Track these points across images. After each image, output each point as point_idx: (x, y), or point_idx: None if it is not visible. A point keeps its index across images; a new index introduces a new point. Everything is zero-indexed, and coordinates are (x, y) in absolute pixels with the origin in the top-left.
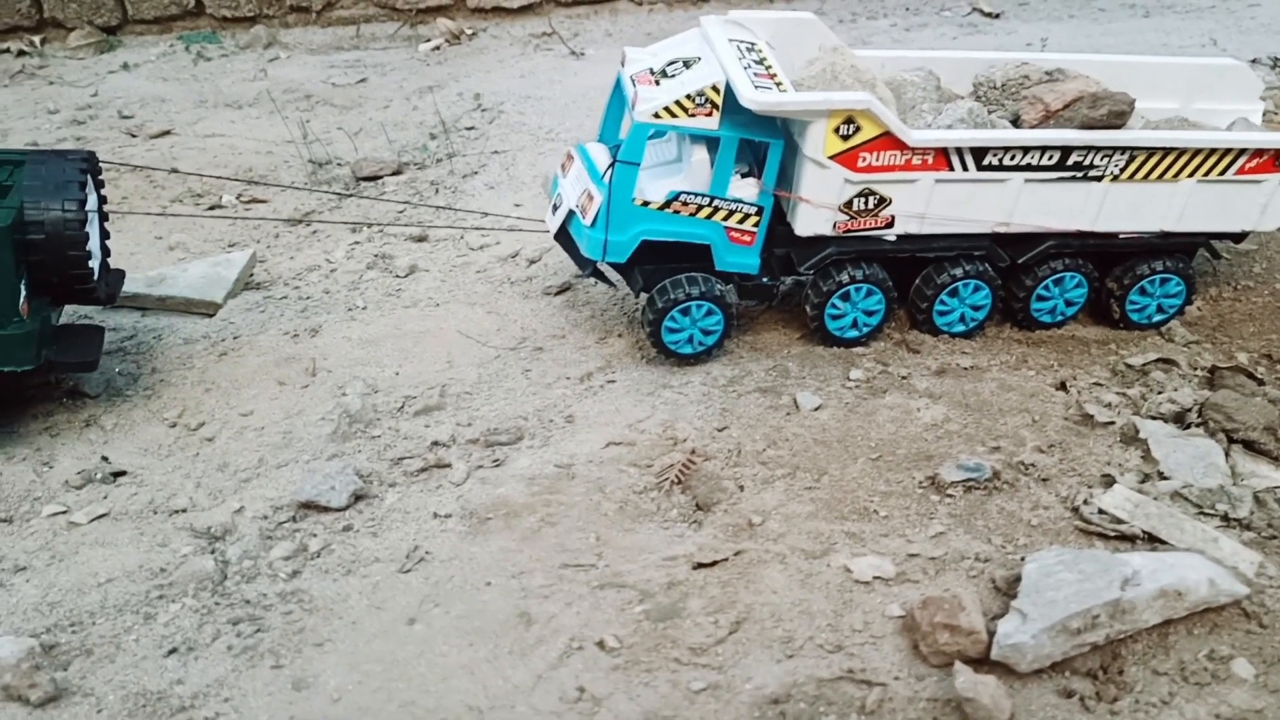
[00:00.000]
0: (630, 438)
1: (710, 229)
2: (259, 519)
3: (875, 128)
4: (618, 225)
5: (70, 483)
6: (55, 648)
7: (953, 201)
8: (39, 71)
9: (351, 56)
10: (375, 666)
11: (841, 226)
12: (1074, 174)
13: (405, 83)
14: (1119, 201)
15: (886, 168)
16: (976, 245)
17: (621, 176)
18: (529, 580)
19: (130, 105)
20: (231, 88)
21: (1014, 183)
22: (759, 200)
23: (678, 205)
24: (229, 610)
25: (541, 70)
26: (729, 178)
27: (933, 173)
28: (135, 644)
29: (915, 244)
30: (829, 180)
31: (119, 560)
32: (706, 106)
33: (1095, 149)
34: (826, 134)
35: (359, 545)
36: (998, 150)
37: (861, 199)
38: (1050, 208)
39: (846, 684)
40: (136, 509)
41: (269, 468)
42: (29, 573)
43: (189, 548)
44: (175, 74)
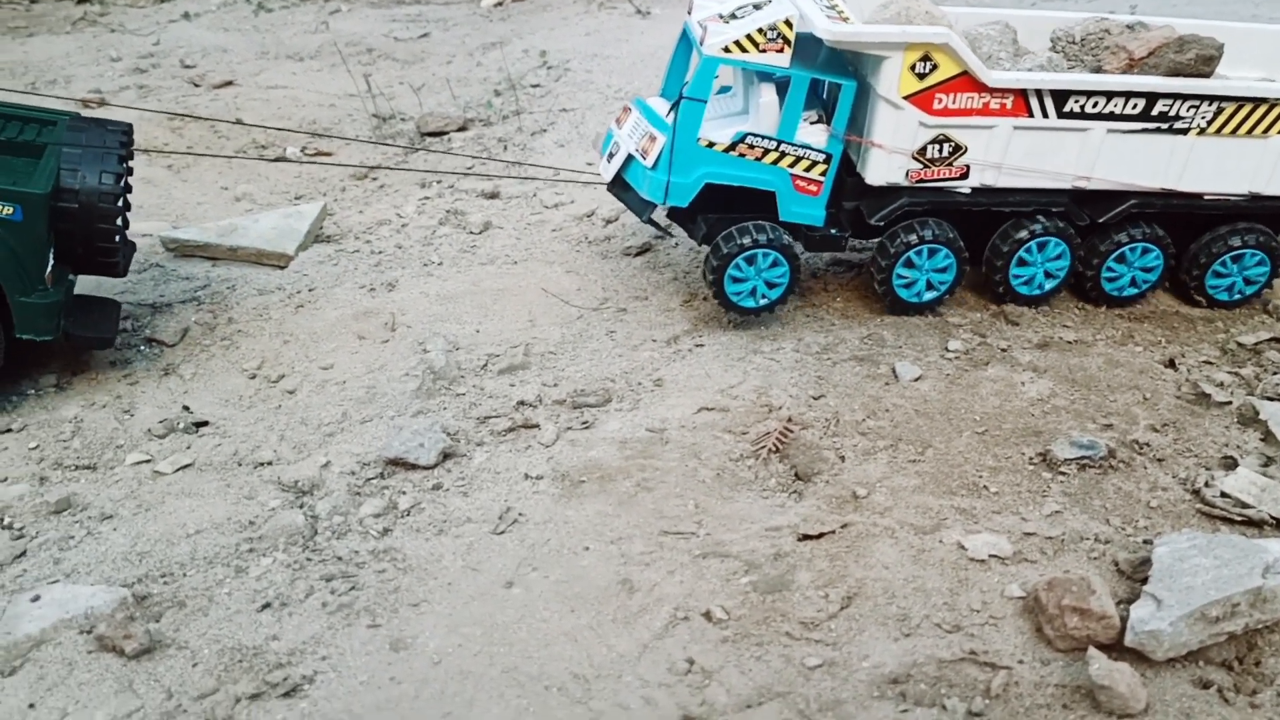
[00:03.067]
0: (723, 403)
1: (776, 175)
2: (347, 474)
3: (953, 66)
4: (681, 166)
5: (153, 431)
6: (147, 598)
7: (1031, 152)
8: (100, 19)
9: (413, 11)
10: (475, 630)
11: (915, 175)
12: (1159, 125)
13: (468, 38)
14: (1205, 158)
15: (964, 111)
16: (1055, 201)
17: (687, 114)
18: (628, 547)
19: (192, 55)
20: (293, 39)
21: (1096, 133)
22: (828, 147)
23: (744, 148)
24: (321, 566)
25: (607, 28)
26: (797, 121)
27: (1012, 119)
28: (228, 597)
29: (990, 197)
30: (903, 123)
31: (207, 512)
32: (779, 42)
33: (1181, 96)
34: (902, 71)
35: (450, 504)
36: (1080, 96)
37: (936, 145)
38: (1133, 163)
39: (969, 666)
40: (221, 460)
41: (353, 423)
42: (115, 521)
43: (277, 501)
44: (236, 24)
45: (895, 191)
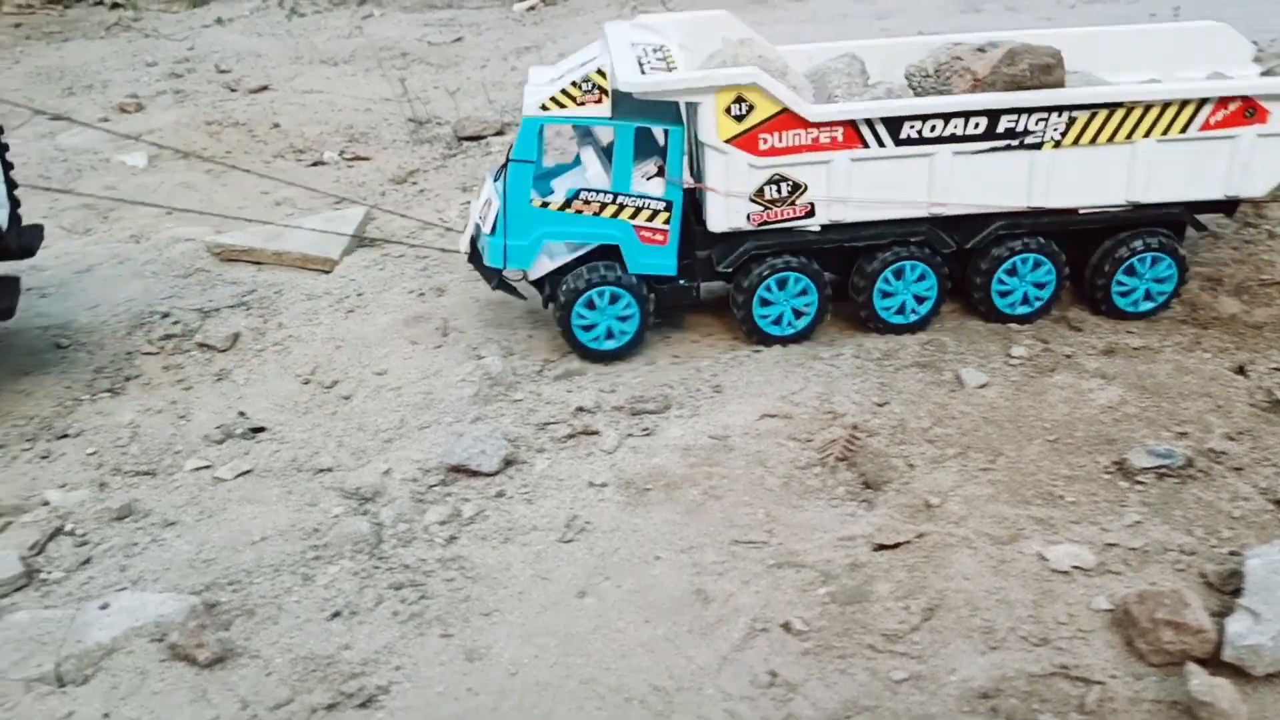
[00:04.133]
0: (785, 410)
1: (618, 228)
2: (408, 481)
3: (770, 105)
4: (517, 229)
5: (210, 437)
6: (216, 606)
7: (877, 183)
8: (134, 24)
9: (445, 15)
10: (549, 640)
11: (757, 218)
12: (1009, 143)
13: (501, 42)
14: (1069, 171)
15: (793, 149)
16: (913, 230)
17: (515, 176)
18: (700, 556)
19: (227, 59)
20: (326, 44)
21: (941, 157)
22: (666, 194)
23: (579, 204)
24: (389, 575)
25: None
26: (629, 171)
27: (846, 151)
28: (297, 606)
29: (842, 233)
30: (733, 167)
31: (270, 519)
32: (595, 93)
33: (1022, 110)
34: (718, 115)
35: (514, 512)
36: (914, 121)
37: (773, 186)
38: (990, 183)
39: (1060, 680)
40: (280, 466)
41: (411, 429)
42: (179, 528)
43: (340, 508)
44: (269, 29)
45: (741, 236)
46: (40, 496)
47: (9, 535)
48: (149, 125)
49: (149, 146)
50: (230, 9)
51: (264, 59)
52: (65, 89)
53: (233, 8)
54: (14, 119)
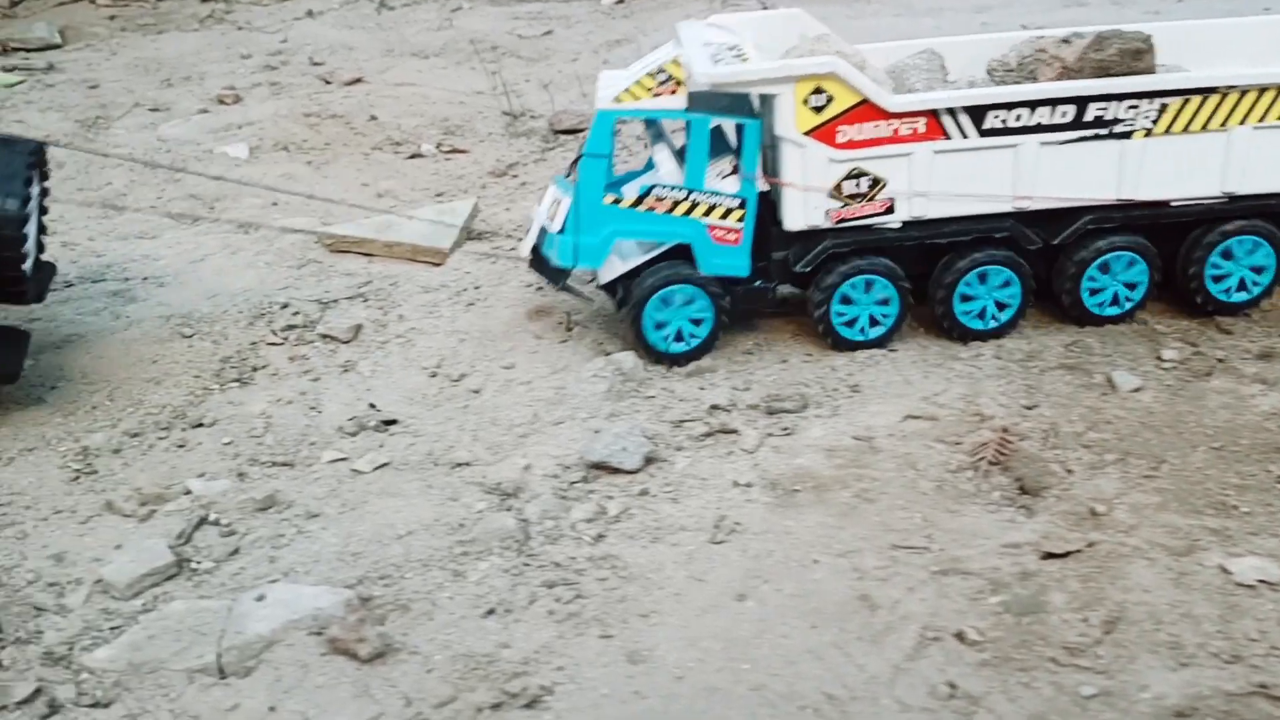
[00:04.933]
0: (929, 411)
1: (690, 226)
2: (550, 478)
3: (849, 95)
4: (588, 226)
5: (344, 429)
6: (370, 601)
7: (959, 177)
8: (227, 16)
9: (534, 8)
10: (713, 644)
11: (836, 215)
12: (1097, 131)
13: (592, 35)
14: (1161, 161)
15: (873, 141)
16: (997, 227)
17: (588, 170)
18: (859, 560)
19: (320, 52)
20: (416, 37)
21: (1027, 148)
22: (741, 192)
23: (652, 201)
24: (540, 572)
25: None
26: (704, 167)
27: (928, 143)
28: (450, 602)
29: (923, 230)
30: (810, 160)
31: (413, 513)
32: (670, 84)
33: (1113, 97)
34: (796, 106)
35: (660, 511)
36: (999, 110)
37: (853, 180)
38: (1078, 175)
39: (1260, 700)
40: (416, 460)
41: (544, 424)
42: (323, 520)
43: (483, 504)
44: (360, 22)
45: (818, 234)
46: (181, 485)
47: (155, 524)
48: (247, 117)
49: (250, 137)
50: (320, 2)
51: (356, 52)
52: (163, 80)
53: (323, 0)
54: (115, 110)
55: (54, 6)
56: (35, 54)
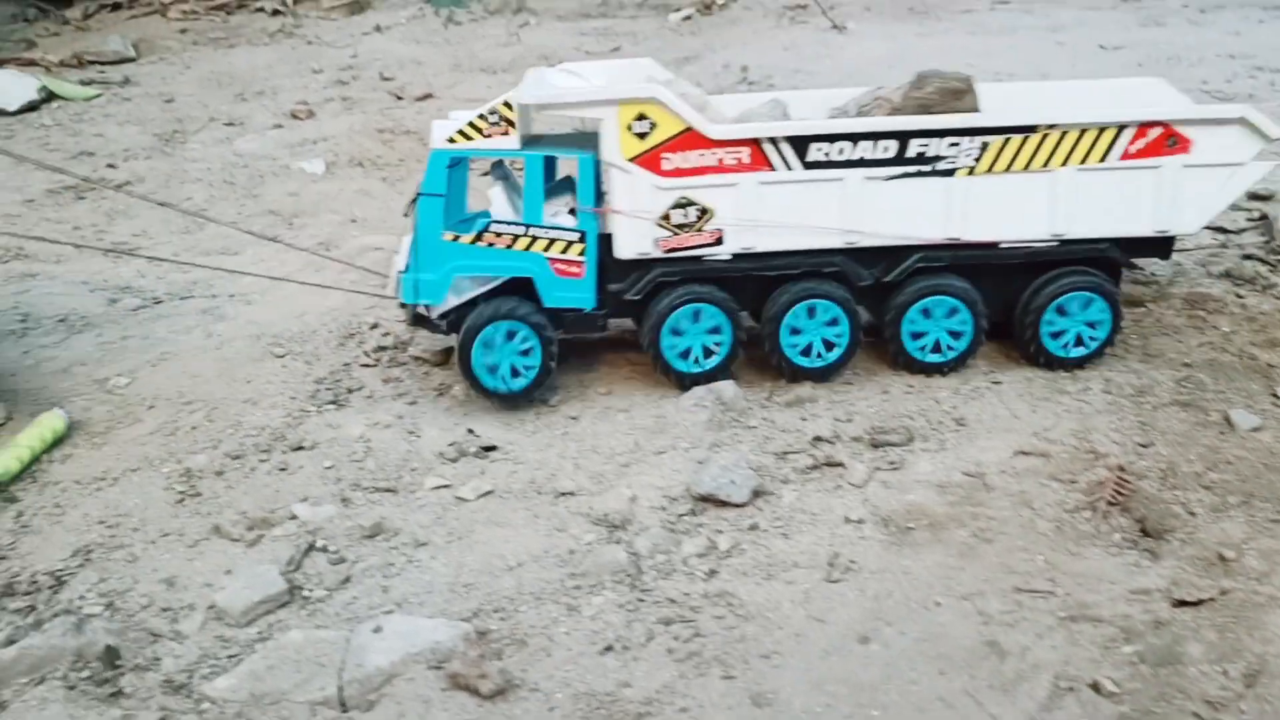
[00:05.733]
0: (1041, 448)
1: (531, 261)
2: (657, 509)
3: (673, 123)
4: (428, 263)
5: (444, 455)
6: (486, 634)
7: (787, 209)
8: (296, 31)
9: (601, 24)
10: (840, 688)
11: (665, 244)
12: (920, 168)
13: (660, 52)
14: (986, 200)
15: (697, 170)
16: (826, 262)
17: (425, 210)
18: (983, 604)
19: (389, 67)
20: (484, 52)
21: (852, 182)
22: (580, 225)
23: (490, 237)
24: (655, 609)
25: (804, 43)
26: (540, 203)
27: (754, 174)
28: (566, 637)
29: (752, 263)
30: (636, 187)
31: (521, 542)
32: (501, 125)
33: (928, 134)
34: (620, 132)
35: (771, 546)
36: (821, 143)
37: (681, 210)
38: (906, 212)
39: None
40: (519, 488)
41: (646, 453)
42: (431, 549)
43: (591, 535)
44: (427, 37)
45: (650, 264)
46: (287, 510)
47: (263, 549)
48: (321, 132)
49: (325, 153)
50: (387, 17)
51: (424, 67)
52: (237, 95)
53: (390, 15)
54: (191, 124)
55: (127, 19)
56: (110, 67)
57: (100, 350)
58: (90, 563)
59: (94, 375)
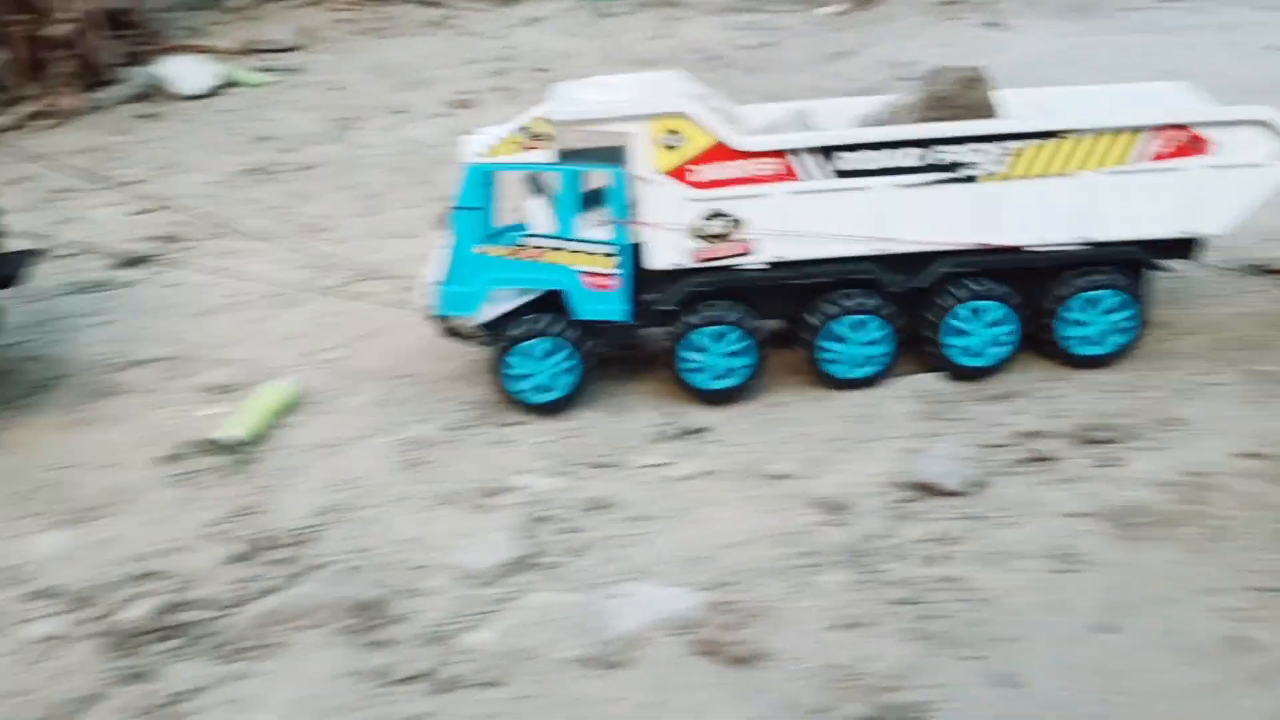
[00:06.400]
0: (1268, 450)
1: (562, 273)
2: (874, 496)
3: (702, 136)
4: (462, 276)
5: (655, 435)
6: (725, 605)
7: (818, 218)
8: (449, 23)
9: (750, 19)
10: (1086, 674)
11: (698, 255)
12: (945, 174)
13: (813, 47)
14: (1011, 205)
15: (727, 181)
16: (859, 269)
17: (461, 223)
18: (1221, 600)
19: (543, 59)
20: (635, 45)
21: (880, 190)
22: (613, 239)
23: (524, 250)
24: (886, 589)
25: (960, 40)
26: (573, 216)
27: (783, 184)
28: (803, 612)
29: (786, 271)
30: (666, 199)
31: (744, 521)
32: (537, 140)
33: (952, 140)
34: (651, 146)
35: (996, 536)
36: (847, 152)
37: (712, 220)
38: (934, 218)
39: None
40: (734, 469)
41: (856, 441)
42: (656, 523)
43: (811, 516)
44: (578, 30)
45: (681, 275)
46: (511, 480)
47: (494, 516)
48: (483, 121)
49: None
50: (538, 9)
51: (576, 59)
52: (400, 83)
53: (541, 7)
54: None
55: (288, 9)
56: (279, 55)
57: (313, 324)
58: (335, 522)
59: (305, 349)
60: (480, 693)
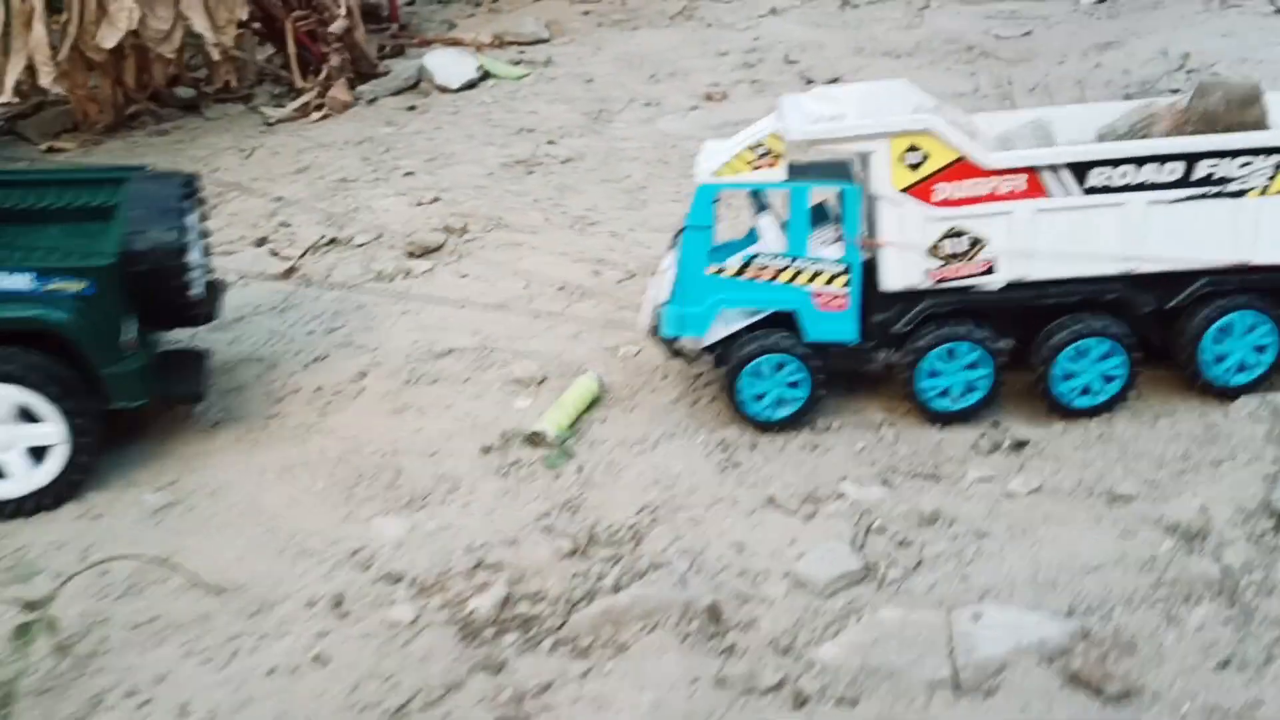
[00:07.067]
0: None
1: (794, 294)
2: (1235, 524)
3: (946, 153)
4: (692, 296)
5: (978, 446)
6: (1089, 635)
7: (1064, 236)
8: (694, 14)
9: (1008, 7)
10: None
11: (935, 275)
12: (1208, 190)
13: (1076, 37)
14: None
15: (971, 199)
16: (1105, 289)
17: (690, 243)
18: None
19: (793, 51)
20: (886, 36)
21: (1134, 207)
22: (844, 258)
23: (754, 270)
24: (1267, 628)
25: (1244, 29)
26: (805, 235)
27: (1029, 201)
28: (1175, 647)
29: (1027, 291)
30: (906, 218)
31: (1092, 544)
32: (769, 157)
33: (1220, 154)
34: (892, 164)
35: None
36: (1102, 167)
37: (951, 240)
38: (1192, 236)
39: None
40: (1068, 487)
41: (1201, 463)
42: (994, 541)
43: (1167, 543)
44: (825, 20)
45: (917, 295)
46: (832, 487)
47: (820, 524)
48: (738, 114)
49: None
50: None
51: (826, 50)
52: (650, 76)
53: None
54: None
55: (534, 2)
56: (528, 47)
57: (603, 320)
58: (658, 521)
59: (600, 343)
60: (840, 710)
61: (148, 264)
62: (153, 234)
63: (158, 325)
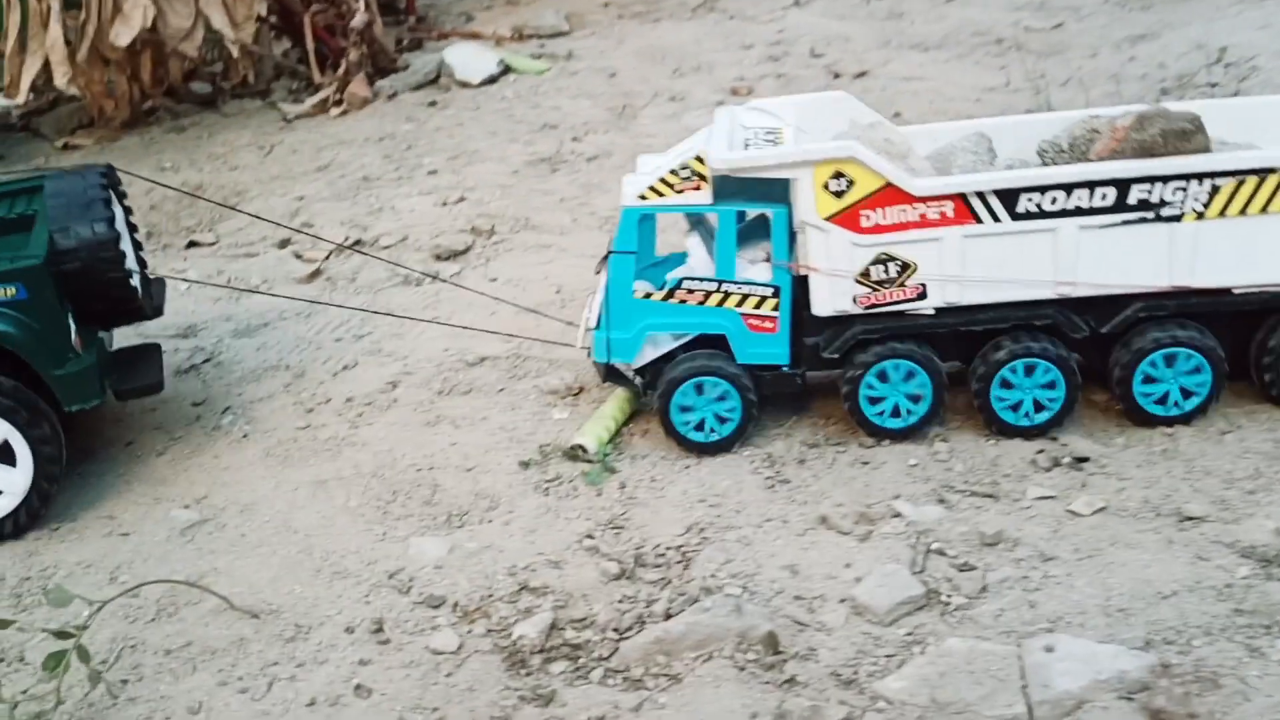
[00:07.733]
0: None
1: (724, 317)
2: None
3: (872, 179)
4: (620, 321)
5: (1036, 462)
6: (1169, 669)
7: (995, 261)
8: (716, 7)
9: None
10: None
11: (864, 300)
12: (1143, 215)
13: (1108, 29)
14: (1218, 245)
15: (899, 225)
16: (1038, 314)
17: (616, 267)
18: None
19: (818, 44)
20: (912, 28)
21: (1066, 232)
22: (774, 280)
23: (683, 294)
24: None
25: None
26: (733, 257)
27: (958, 227)
28: (1260, 682)
29: (958, 316)
30: (834, 245)
31: (1164, 570)
32: (693, 180)
33: (1153, 179)
34: (816, 191)
35: None
36: (1031, 193)
37: (880, 266)
38: (1126, 260)
39: None
40: (1134, 507)
41: (1273, 481)
42: (1062, 565)
43: (1244, 568)
44: (850, 12)
45: (848, 320)
46: (885, 506)
47: (876, 545)
48: None
49: None
50: None
51: (853, 43)
52: (674, 70)
53: None
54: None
55: None
56: (548, 40)
57: None
58: (707, 541)
59: None
60: None
61: (79, 259)
62: (78, 229)
63: (102, 323)
